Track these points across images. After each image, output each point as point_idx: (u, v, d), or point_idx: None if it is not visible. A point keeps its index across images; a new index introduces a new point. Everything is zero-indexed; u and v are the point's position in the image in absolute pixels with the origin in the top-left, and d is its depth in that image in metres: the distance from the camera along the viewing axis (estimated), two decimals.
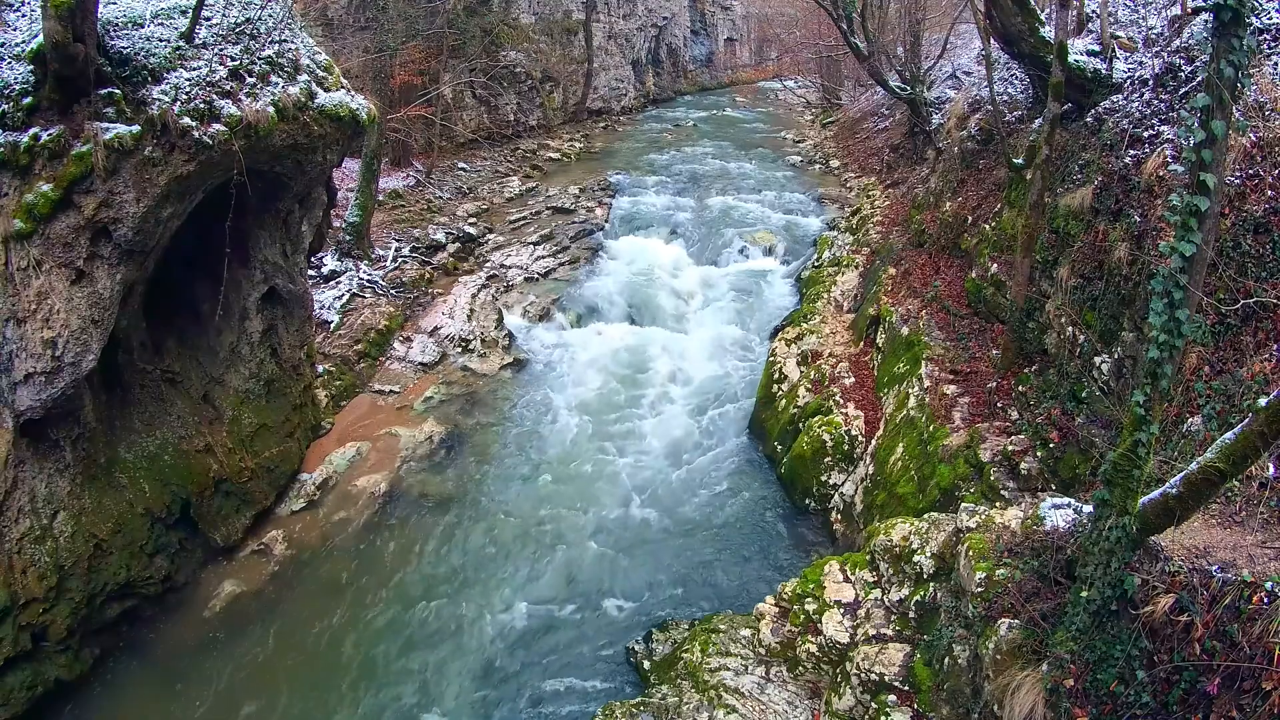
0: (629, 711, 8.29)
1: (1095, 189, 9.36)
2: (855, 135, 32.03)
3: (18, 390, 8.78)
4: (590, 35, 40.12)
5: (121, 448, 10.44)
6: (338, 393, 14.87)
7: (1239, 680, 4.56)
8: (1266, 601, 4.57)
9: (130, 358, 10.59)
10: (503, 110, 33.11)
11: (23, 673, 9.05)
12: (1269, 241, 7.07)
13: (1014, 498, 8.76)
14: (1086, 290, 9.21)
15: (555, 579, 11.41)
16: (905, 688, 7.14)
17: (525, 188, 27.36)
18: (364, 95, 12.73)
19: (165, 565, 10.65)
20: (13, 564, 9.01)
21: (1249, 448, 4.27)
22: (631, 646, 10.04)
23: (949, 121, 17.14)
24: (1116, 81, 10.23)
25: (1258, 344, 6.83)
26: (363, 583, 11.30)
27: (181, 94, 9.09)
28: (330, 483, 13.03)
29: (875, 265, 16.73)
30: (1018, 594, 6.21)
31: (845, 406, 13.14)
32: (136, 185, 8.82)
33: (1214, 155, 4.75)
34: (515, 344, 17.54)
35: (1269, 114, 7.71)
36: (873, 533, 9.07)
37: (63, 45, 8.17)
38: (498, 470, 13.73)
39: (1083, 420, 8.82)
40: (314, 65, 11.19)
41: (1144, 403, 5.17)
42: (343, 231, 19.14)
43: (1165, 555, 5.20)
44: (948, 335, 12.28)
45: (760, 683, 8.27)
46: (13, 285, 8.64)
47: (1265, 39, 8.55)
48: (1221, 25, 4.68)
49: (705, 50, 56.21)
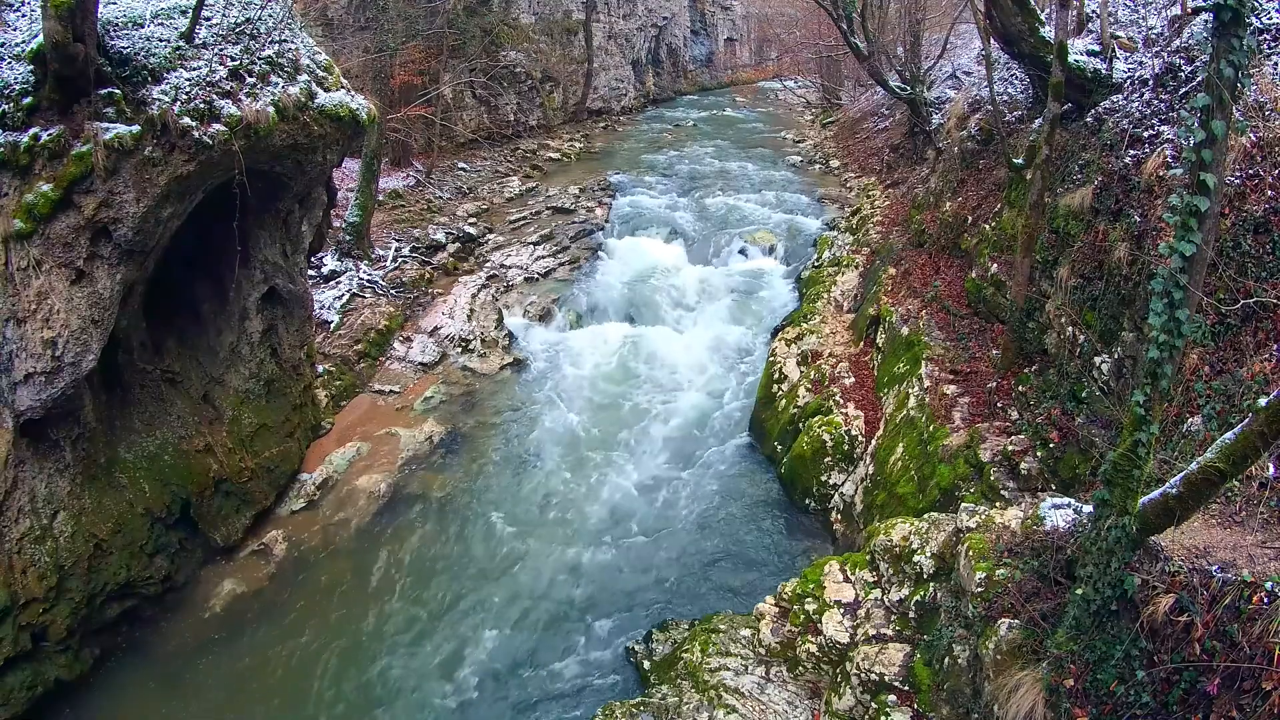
0: (629, 711, 8.29)
1: (1095, 189, 9.36)
2: (855, 135, 32.03)
3: (18, 390, 8.79)
4: (590, 35, 40.11)
5: (121, 448, 10.45)
6: (338, 393, 14.88)
7: (1239, 680, 4.56)
8: (1266, 601, 4.56)
9: (130, 358, 10.60)
10: (503, 110, 33.10)
11: (23, 673, 9.06)
12: (1269, 241, 7.07)
13: (1014, 498, 8.76)
14: (1086, 290, 9.21)
15: (555, 579, 11.42)
16: (905, 688, 7.13)
17: (525, 188, 27.35)
18: (364, 95, 12.74)
19: (165, 565, 10.66)
20: (13, 564, 9.01)
21: (1249, 448, 4.27)
22: (631, 646, 10.05)
23: (949, 121, 17.13)
24: (1116, 81, 10.23)
25: (1258, 344, 6.83)
26: (362, 583, 11.32)
27: (181, 94, 9.11)
28: (330, 483, 13.04)
29: (875, 265, 16.73)
30: (1018, 594, 6.21)
31: (845, 406, 13.14)
32: (136, 185, 8.82)
33: (1214, 155, 4.75)
34: (515, 344, 17.55)
35: (1269, 114, 7.70)
36: (873, 533, 9.07)
37: (63, 45, 8.17)
38: (497, 470, 13.74)
39: (1083, 420, 8.82)
40: (314, 65, 11.20)
41: (1144, 403, 5.17)
42: (343, 231, 19.14)
43: (1165, 555, 5.20)
44: (948, 335, 12.28)
45: (760, 683, 8.27)
46: (13, 285, 8.65)
47: (1265, 39, 8.55)
48: (1221, 25, 4.68)
49: (705, 50, 56.19)
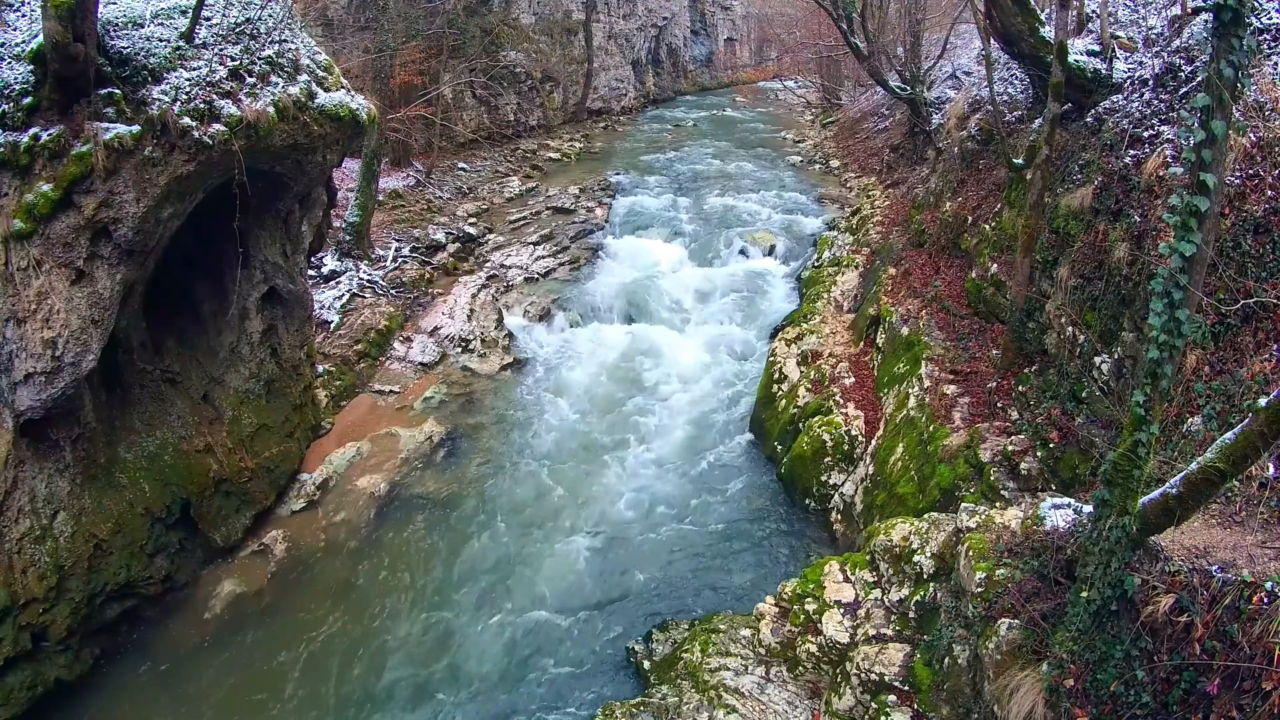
0: (629, 711, 8.29)
1: (1095, 189, 9.36)
2: (855, 135, 32.05)
3: (18, 390, 8.79)
4: (590, 35, 40.12)
5: (121, 448, 10.44)
6: (338, 393, 14.88)
7: (1239, 680, 4.56)
8: (1266, 601, 4.56)
9: (130, 358, 10.59)
10: (503, 110, 33.11)
11: (23, 673, 9.05)
12: (1269, 241, 7.08)
13: (1014, 498, 8.76)
14: (1086, 290, 9.21)
15: (555, 579, 11.42)
16: (905, 688, 7.13)
17: (525, 188, 27.36)
18: (364, 95, 12.73)
19: (165, 565, 10.66)
20: (13, 564, 9.01)
21: (1249, 448, 4.27)
22: (631, 646, 10.04)
23: (949, 121, 17.13)
24: (1116, 81, 10.24)
25: (1258, 344, 6.84)
26: (362, 583, 11.31)
27: (181, 94, 9.10)
28: (330, 483, 13.04)
29: (875, 265, 16.73)
30: (1018, 594, 6.21)
31: (845, 406, 13.14)
32: (136, 185, 8.82)
33: (1214, 155, 4.75)
34: (515, 344, 17.54)
35: (1269, 114, 7.70)
36: (873, 533, 9.07)
37: (63, 45, 8.17)
38: (497, 470, 13.73)
39: (1083, 420, 8.82)
40: (314, 65, 11.19)
41: (1144, 403, 5.17)
42: (343, 231, 19.14)
43: (1165, 555, 5.20)
44: (948, 335, 12.28)
45: (760, 683, 8.27)
46: (13, 285, 8.64)
47: (1265, 39, 8.55)
48: (1221, 25, 4.68)
49: (705, 50, 56.20)
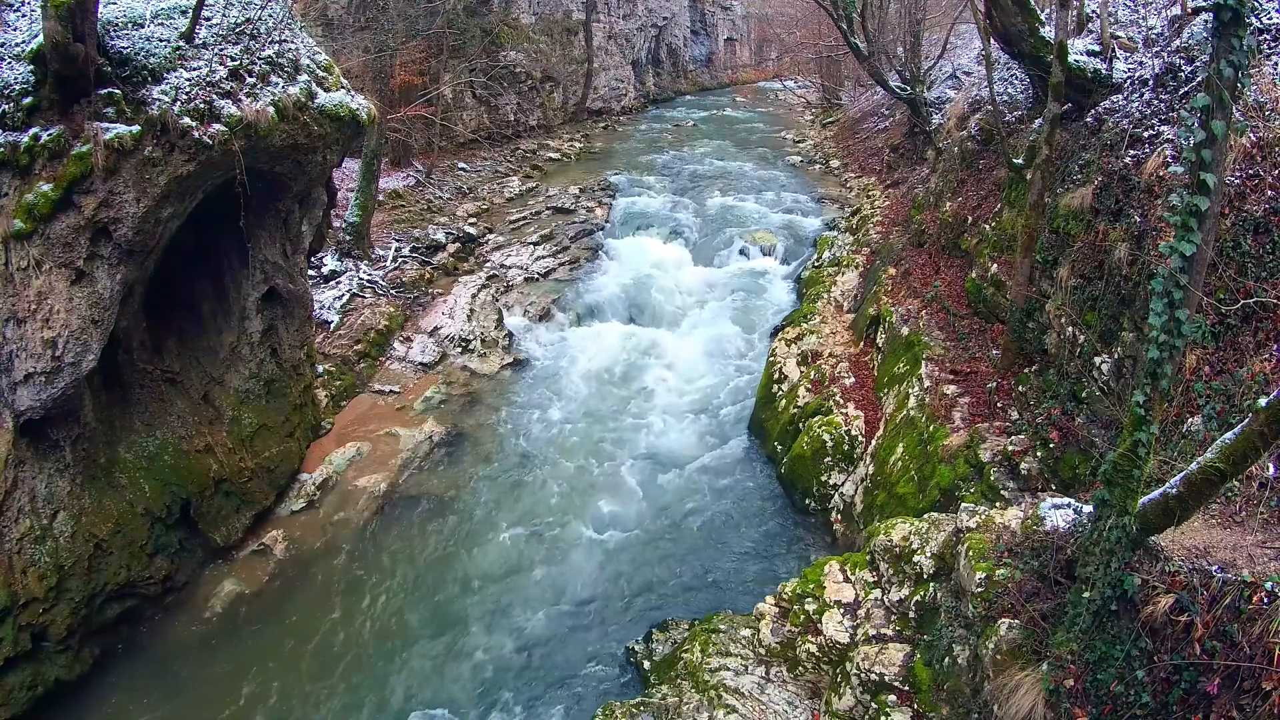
0: (629, 711, 8.28)
1: (1095, 189, 9.36)
2: (855, 135, 32.05)
3: (18, 390, 8.79)
4: (590, 35, 40.10)
5: (121, 448, 10.44)
6: (338, 393, 14.88)
7: (1239, 680, 4.56)
8: (1266, 601, 4.56)
9: (130, 358, 10.60)
10: (503, 110, 33.10)
11: (23, 673, 9.05)
12: (1269, 241, 7.07)
13: (1014, 498, 8.76)
14: (1086, 290, 9.20)
15: (555, 579, 11.42)
16: (905, 688, 7.13)
17: (525, 188, 27.36)
18: (364, 95, 12.73)
19: (165, 565, 10.66)
20: (13, 564, 9.01)
21: (1249, 448, 4.26)
22: (631, 646, 10.04)
23: (949, 121, 17.13)
24: (1116, 81, 10.23)
25: (1258, 344, 6.83)
26: (362, 583, 11.32)
27: (181, 94, 9.10)
28: (330, 483, 13.04)
29: (875, 265, 16.73)
30: (1018, 594, 6.21)
31: (845, 406, 13.14)
32: (136, 185, 8.82)
33: (1214, 155, 4.75)
34: (515, 344, 17.54)
35: (1269, 114, 7.70)
36: (873, 533, 9.06)
37: (63, 45, 8.17)
38: (497, 470, 13.73)
39: (1083, 420, 8.82)
40: (314, 65, 11.19)
41: (1144, 403, 5.17)
42: (343, 231, 19.15)
43: (1165, 555, 5.20)
44: (948, 335, 12.28)
45: (760, 683, 8.27)
46: (13, 285, 8.64)
47: (1265, 39, 8.54)
48: (1221, 25, 4.68)
49: (705, 50, 56.18)
